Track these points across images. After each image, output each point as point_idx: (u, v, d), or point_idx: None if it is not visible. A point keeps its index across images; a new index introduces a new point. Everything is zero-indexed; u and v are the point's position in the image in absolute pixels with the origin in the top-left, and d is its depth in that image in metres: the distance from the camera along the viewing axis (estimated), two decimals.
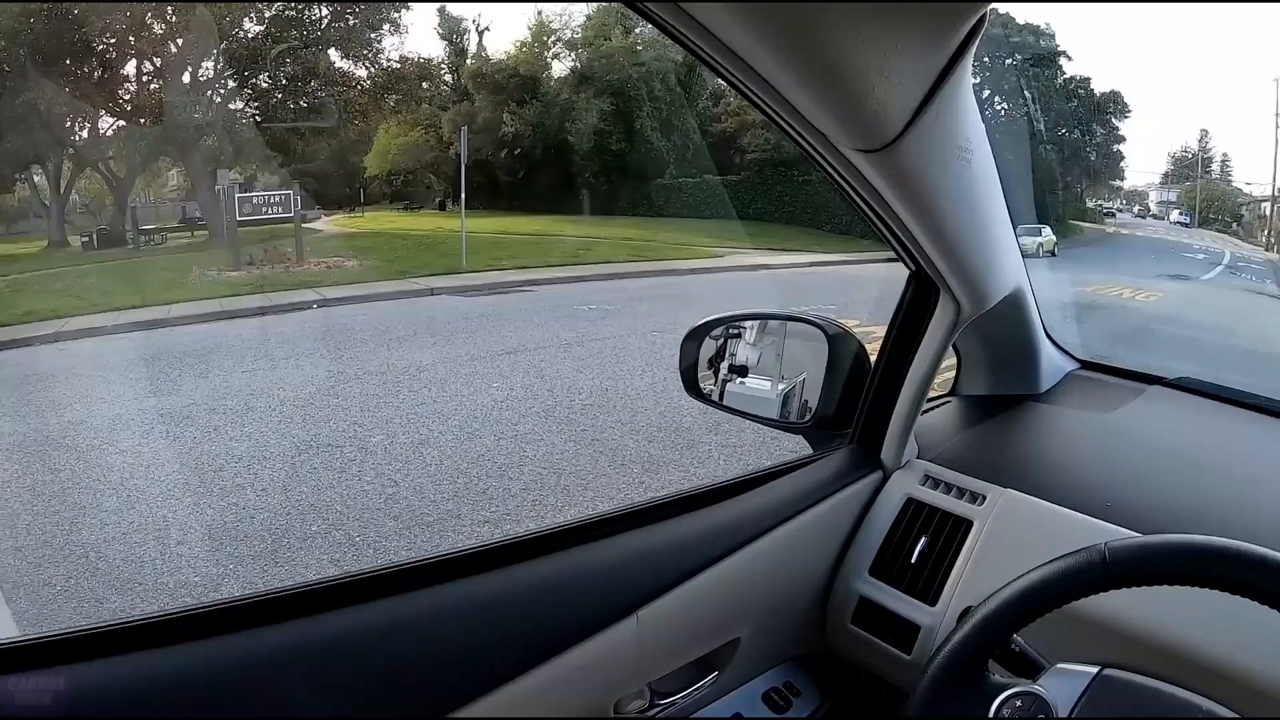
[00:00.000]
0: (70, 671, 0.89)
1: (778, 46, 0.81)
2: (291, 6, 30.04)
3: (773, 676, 1.59)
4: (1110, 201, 35.95)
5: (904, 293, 1.52)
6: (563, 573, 1.22)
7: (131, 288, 16.97)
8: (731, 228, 27.17)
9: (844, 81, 0.85)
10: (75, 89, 27.18)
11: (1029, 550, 1.27)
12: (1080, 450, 1.66)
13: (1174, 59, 38.27)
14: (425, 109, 36.86)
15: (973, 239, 1.26)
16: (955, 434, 1.75)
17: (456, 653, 1.09)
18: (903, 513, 1.56)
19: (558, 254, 21.00)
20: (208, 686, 0.93)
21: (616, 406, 7.42)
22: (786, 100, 0.95)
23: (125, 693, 0.90)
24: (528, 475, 5.78)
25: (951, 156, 1.06)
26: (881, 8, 0.74)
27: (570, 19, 37.31)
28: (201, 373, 9.01)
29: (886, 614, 1.48)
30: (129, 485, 5.73)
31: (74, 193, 34.89)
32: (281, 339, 11.32)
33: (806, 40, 0.77)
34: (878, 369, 1.59)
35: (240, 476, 5.91)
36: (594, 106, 33.61)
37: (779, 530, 1.45)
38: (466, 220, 20.05)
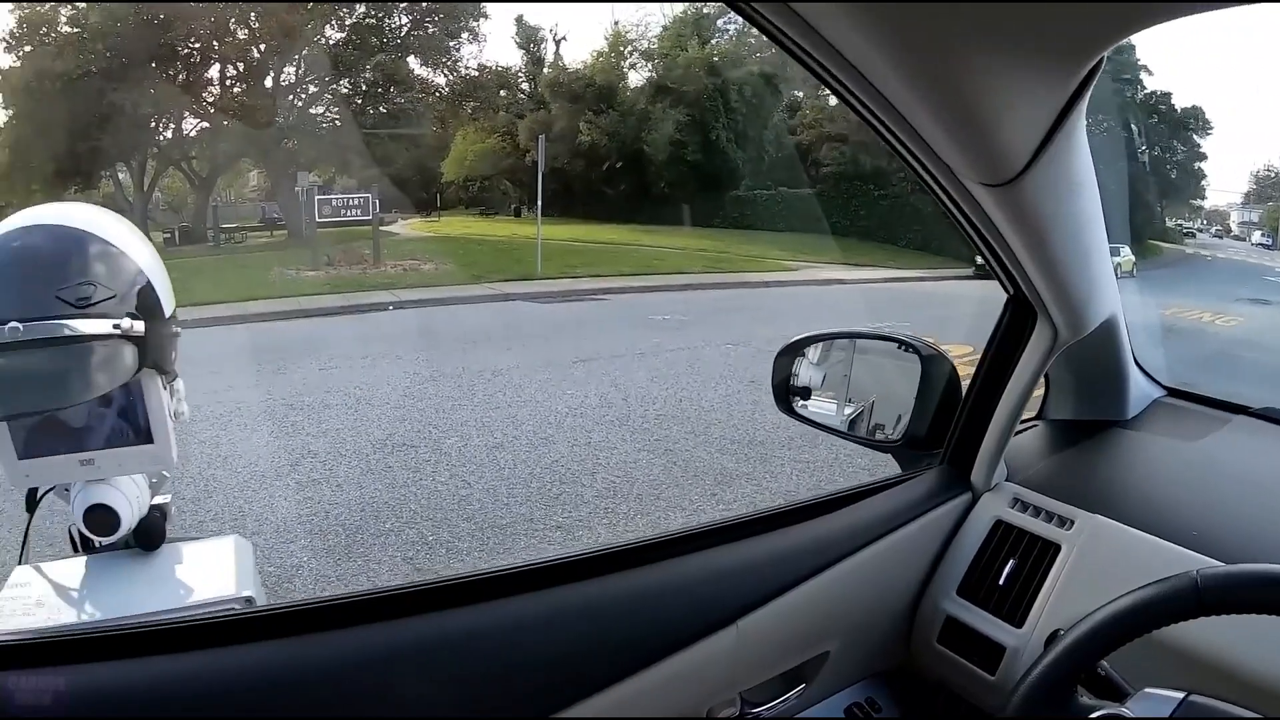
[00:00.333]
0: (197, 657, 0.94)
1: (916, 80, 0.83)
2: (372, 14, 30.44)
3: (856, 691, 1.60)
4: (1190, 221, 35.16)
5: (1001, 316, 1.52)
6: (667, 581, 1.24)
7: (212, 284, 17.25)
8: (805, 241, 26.97)
9: (976, 117, 0.87)
10: (160, 90, 27.81)
11: (1116, 576, 1.27)
12: (1167, 479, 1.65)
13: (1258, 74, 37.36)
14: (502, 116, 37.14)
15: (1076, 266, 1.27)
16: (1043, 458, 1.75)
17: (563, 655, 1.12)
18: (991, 534, 1.56)
19: (631, 263, 21.00)
20: (321, 680, 0.97)
21: (690, 417, 7.41)
22: (914, 130, 0.97)
23: (244, 682, 0.94)
24: (600, 483, 5.80)
25: (1066, 190, 1.07)
26: (1014, 47, 0.76)
27: (647, 29, 37.37)
28: (279, 369, 9.18)
29: (973, 634, 1.49)
30: (206, 475, 5.84)
31: (157, 190, 35.70)
32: (358, 339, 11.50)
33: (945, 75, 0.79)
34: (972, 390, 1.59)
35: (316, 472, 6.00)
36: (670, 117, 33.56)
37: (871, 548, 1.46)
38: (541, 227, 20.10)
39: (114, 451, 1.28)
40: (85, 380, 1.15)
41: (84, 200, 12.46)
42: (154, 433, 1.30)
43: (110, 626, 1.00)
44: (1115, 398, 1.79)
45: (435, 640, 1.05)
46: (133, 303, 1.22)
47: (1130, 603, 0.97)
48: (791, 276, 20.42)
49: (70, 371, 1.15)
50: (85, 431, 1.27)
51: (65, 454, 1.25)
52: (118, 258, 1.23)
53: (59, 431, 1.25)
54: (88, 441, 1.27)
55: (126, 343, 1.20)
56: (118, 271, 1.22)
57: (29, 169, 28.03)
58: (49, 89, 26.07)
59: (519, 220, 36.56)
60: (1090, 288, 1.35)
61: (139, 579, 1.31)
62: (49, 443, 1.25)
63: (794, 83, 35.25)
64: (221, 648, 0.95)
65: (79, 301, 1.15)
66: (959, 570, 1.55)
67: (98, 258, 1.20)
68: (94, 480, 1.27)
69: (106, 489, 1.26)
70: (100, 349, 1.17)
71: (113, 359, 1.18)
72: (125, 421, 1.29)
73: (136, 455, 1.30)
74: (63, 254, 1.18)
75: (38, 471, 1.26)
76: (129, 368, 1.20)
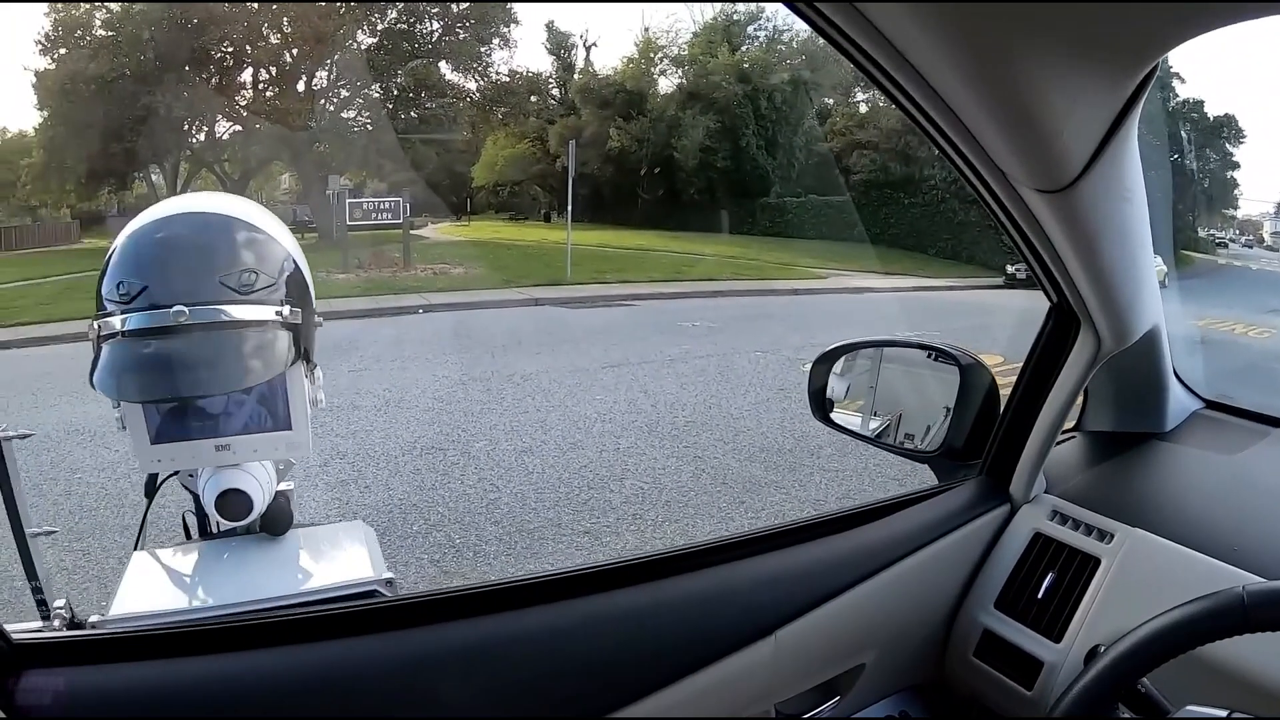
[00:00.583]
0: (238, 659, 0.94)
1: (977, 82, 0.82)
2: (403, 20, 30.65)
3: (889, 704, 1.59)
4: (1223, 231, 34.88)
5: (1044, 325, 1.50)
6: (708, 590, 1.23)
7: None
8: (835, 249, 26.94)
9: (1035, 121, 0.86)
10: (194, 93, 28.13)
11: (1157, 591, 1.25)
12: (1207, 492, 1.63)
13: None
14: (533, 122, 37.31)
15: (1124, 275, 1.25)
16: (1081, 470, 1.73)
17: (601, 663, 1.12)
18: (1030, 547, 1.55)
19: (661, 269, 21.05)
20: (367, 680, 0.97)
21: (718, 425, 7.39)
22: (971, 134, 0.95)
23: (287, 684, 0.95)
24: (629, 489, 5.79)
25: (1118, 198, 1.05)
26: (1073, 51, 0.75)
27: (677, 35, 37.45)
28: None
29: (1010, 648, 1.47)
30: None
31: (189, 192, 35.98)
32: (387, 341, 11.55)
33: (1006, 78, 0.78)
34: (1012, 400, 1.58)
35: (344, 473, 6.00)
36: (700, 123, 33.60)
37: (910, 559, 1.45)
38: (571, 232, 20.18)
39: (251, 437, 1.29)
40: (244, 367, 1.17)
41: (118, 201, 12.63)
42: (293, 419, 1.32)
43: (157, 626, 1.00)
44: (1155, 410, 1.77)
45: (475, 645, 1.05)
46: (284, 290, 1.24)
47: (1174, 619, 0.95)
48: (821, 284, 20.37)
49: (232, 357, 1.17)
50: (223, 417, 1.28)
51: (201, 439, 1.26)
52: (271, 245, 1.25)
53: (196, 416, 1.27)
54: (225, 427, 1.28)
55: (284, 330, 1.23)
56: (272, 259, 1.24)
57: (64, 170, 28.48)
58: (84, 91, 26.45)
59: (549, 225, 36.78)
60: (1136, 297, 1.34)
61: (272, 563, 1.32)
62: (184, 428, 1.26)
63: (824, 89, 35.25)
64: (264, 649, 0.96)
65: (242, 287, 1.18)
66: (997, 583, 1.54)
67: (255, 245, 1.23)
68: (225, 466, 1.27)
69: (240, 474, 1.27)
70: (262, 335, 1.20)
71: (273, 346, 1.21)
72: (264, 408, 1.31)
73: (273, 441, 1.31)
74: (224, 241, 1.20)
75: (170, 456, 1.27)
76: (288, 355, 1.22)
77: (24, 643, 0.87)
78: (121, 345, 1.14)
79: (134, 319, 1.13)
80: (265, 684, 0.94)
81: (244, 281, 1.18)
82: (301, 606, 1.16)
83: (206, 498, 1.25)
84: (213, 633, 0.95)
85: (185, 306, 1.12)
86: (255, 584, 1.24)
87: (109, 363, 1.15)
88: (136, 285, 1.14)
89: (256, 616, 1.06)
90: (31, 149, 31.14)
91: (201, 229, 1.20)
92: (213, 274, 1.16)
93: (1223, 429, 1.79)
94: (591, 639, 1.11)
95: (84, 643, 0.91)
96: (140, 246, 1.19)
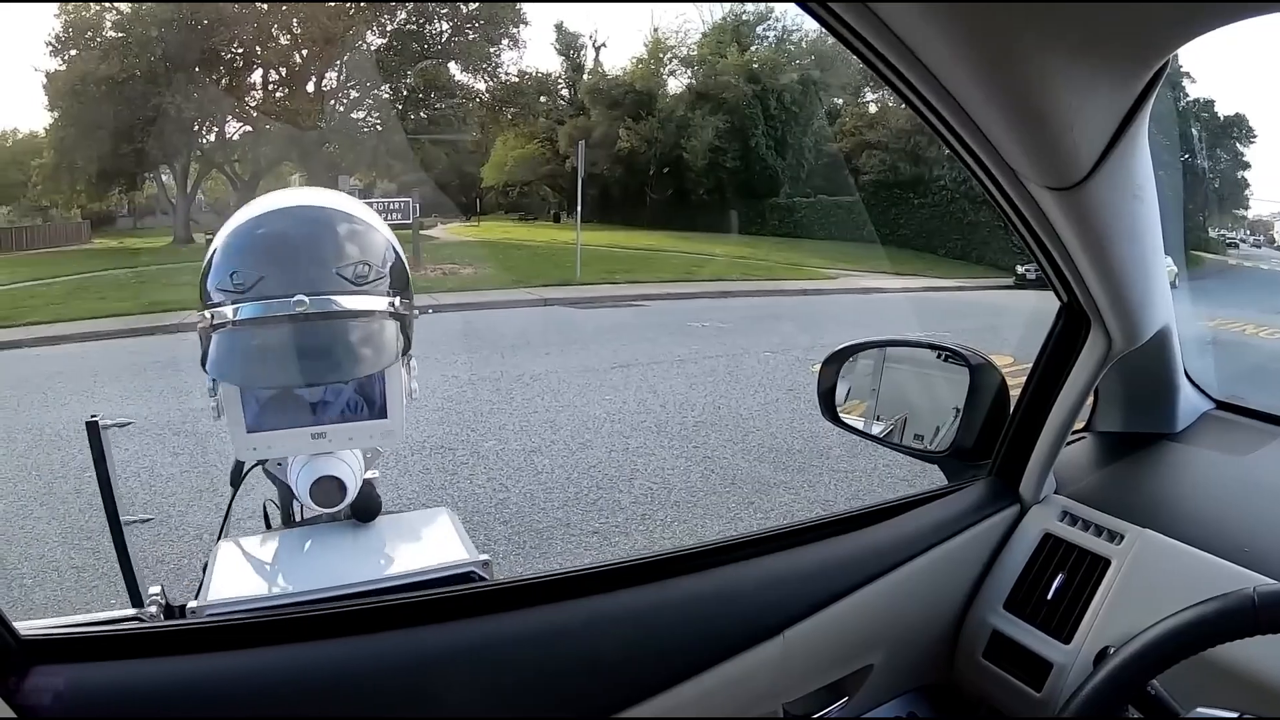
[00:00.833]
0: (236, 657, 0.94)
1: (988, 80, 0.82)
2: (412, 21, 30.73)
3: (897, 705, 1.58)
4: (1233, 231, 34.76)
5: (1054, 325, 1.50)
6: (715, 590, 1.23)
7: None
8: (845, 249, 26.92)
9: (1045, 118, 0.86)
10: (204, 94, 28.25)
11: (1167, 592, 1.25)
12: (1218, 493, 1.62)
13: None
14: (542, 122, 37.38)
15: (1134, 274, 1.25)
16: (1091, 470, 1.72)
17: (606, 663, 1.12)
18: (1040, 548, 1.54)
19: (670, 269, 21.06)
20: (371, 680, 0.97)
21: (728, 425, 7.39)
22: (981, 132, 0.95)
23: (291, 683, 0.95)
24: (638, 489, 5.78)
25: (1129, 195, 1.05)
26: (1083, 47, 0.75)
27: (686, 35, 37.51)
28: None
29: (1019, 649, 1.46)
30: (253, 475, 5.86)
31: (199, 192, 36.25)
32: None
33: (1018, 75, 0.78)
34: (1022, 400, 1.57)
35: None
36: (709, 123, 33.63)
37: (919, 559, 1.44)
38: (581, 233, 20.19)
39: (347, 425, 1.31)
40: (361, 355, 1.19)
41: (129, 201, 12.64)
42: (389, 408, 1.33)
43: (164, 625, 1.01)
44: (1165, 410, 1.76)
45: (479, 644, 1.04)
46: (390, 280, 1.26)
47: (1184, 620, 0.95)
48: (831, 285, 20.36)
49: (351, 346, 1.20)
50: (320, 405, 1.30)
51: (298, 427, 1.28)
52: (376, 237, 1.27)
53: (295, 405, 1.29)
54: (322, 415, 1.30)
55: (393, 320, 1.25)
56: (380, 251, 1.26)
57: (74, 170, 28.65)
58: (94, 92, 26.59)
59: (558, 226, 36.86)
60: (1146, 296, 1.33)
61: (365, 549, 1.33)
62: (281, 416, 1.28)
63: (834, 89, 35.23)
64: (267, 647, 0.96)
65: (356, 279, 1.21)
66: (1006, 584, 1.53)
67: (364, 238, 1.25)
68: (318, 453, 1.29)
69: (334, 461, 1.28)
70: (376, 325, 1.22)
71: (386, 336, 1.23)
72: (362, 396, 1.32)
73: (369, 430, 1.32)
74: (337, 234, 1.23)
75: (266, 444, 1.28)
76: (398, 346, 1.24)
77: (31, 639, 0.88)
78: (240, 333, 1.17)
79: (252, 308, 1.16)
80: (264, 684, 0.94)
81: (358, 273, 1.21)
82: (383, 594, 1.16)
83: (300, 485, 1.27)
84: (215, 630, 0.95)
85: (306, 296, 1.15)
86: (351, 569, 1.25)
87: (227, 349, 1.17)
88: (253, 276, 1.16)
89: (255, 616, 1.06)
90: (42, 149, 31.33)
91: (315, 222, 1.23)
92: (329, 265, 1.19)
93: (1234, 430, 1.78)
94: (597, 639, 1.11)
95: (91, 639, 0.91)
96: (253, 239, 1.21)
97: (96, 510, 4.76)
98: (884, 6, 0.77)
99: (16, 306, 15.24)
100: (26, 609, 4.08)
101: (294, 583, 1.20)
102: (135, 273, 20.11)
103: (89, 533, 4.93)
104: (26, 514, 5.33)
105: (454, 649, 1.03)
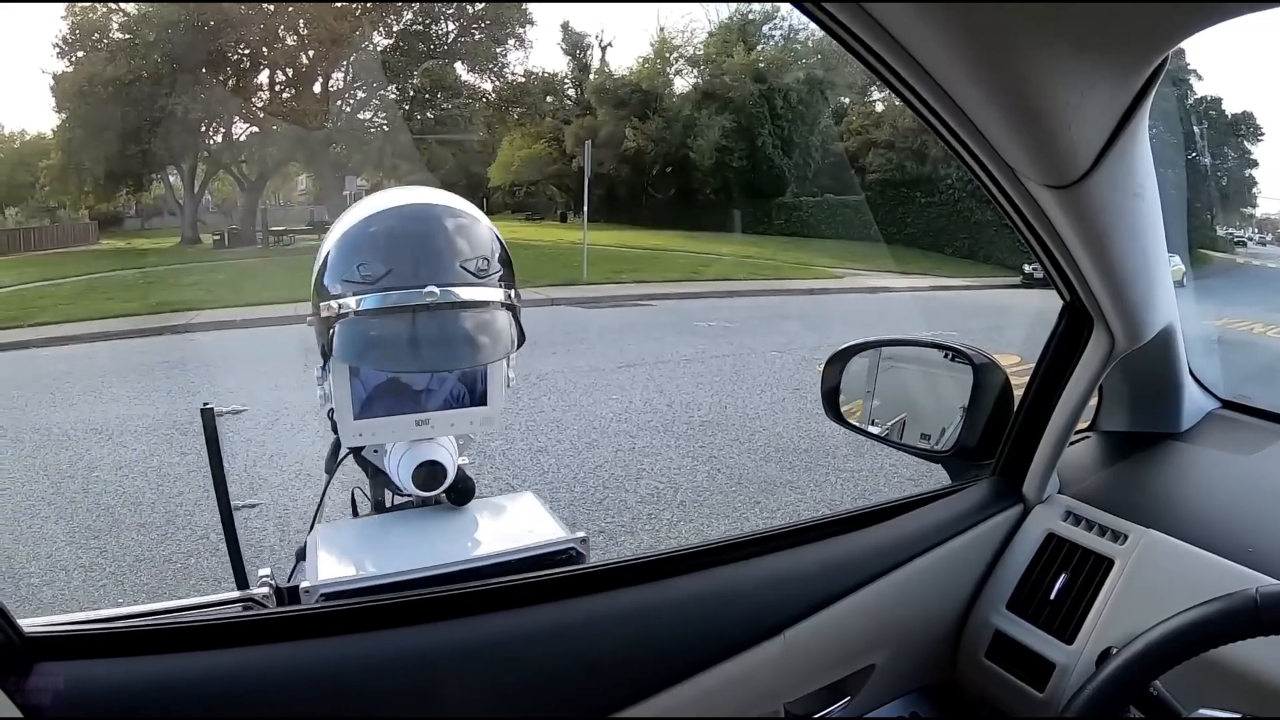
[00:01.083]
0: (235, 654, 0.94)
1: (984, 79, 0.82)
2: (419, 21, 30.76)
3: (899, 706, 1.58)
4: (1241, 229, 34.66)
5: (1056, 324, 1.49)
6: (715, 589, 1.23)
7: (259, 285, 17.46)
8: (851, 248, 26.89)
9: (1042, 116, 0.86)
10: (211, 95, 28.34)
11: (1170, 593, 1.24)
12: (1222, 493, 1.61)
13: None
14: (548, 122, 37.39)
15: (1136, 272, 1.24)
16: (1096, 470, 1.71)
17: (605, 662, 1.11)
18: (1043, 548, 1.53)
19: (677, 269, 21.04)
20: (368, 679, 0.97)
21: (734, 424, 7.38)
22: (979, 131, 0.95)
23: (290, 680, 0.95)
24: (644, 488, 5.77)
25: (1129, 193, 1.05)
26: (1079, 44, 0.75)
27: (692, 35, 37.51)
28: None
29: (1022, 649, 1.46)
30: (253, 473, 5.91)
31: (207, 193, 36.38)
32: None
33: (1013, 74, 0.78)
34: (1025, 400, 1.56)
35: (359, 472, 5.98)
36: (715, 123, 33.61)
37: (921, 559, 1.44)
38: (587, 232, 20.17)
39: (450, 413, 1.36)
40: (482, 344, 1.25)
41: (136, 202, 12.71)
42: (490, 396, 1.39)
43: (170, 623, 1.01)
44: (1170, 409, 1.75)
45: (479, 643, 1.04)
46: (502, 273, 1.30)
47: (1186, 621, 0.95)
48: (838, 284, 20.33)
49: (474, 335, 1.24)
50: (425, 393, 1.37)
51: (403, 414, 1.33)
52: (487, 232, 1.31)
53: (402, 393, 1.35)
54: (427, 403, 1.36)
55: (507, 310, 1.30)
56: (493, 246, 1.31)
57: (82, 171, 28.76)
58: (101, 94, 26.68)
59: (565, 225, 36.84)
60: (1149, 295, 1.33)
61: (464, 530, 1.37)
62: (389, 403, 1.34)
63: (840, 88, 35.20)
64: (269, 644, 0.96)
65: (479, 272, 1.26)
66: (1009, 584, 1.53)
67: (479, 233, 1.30)
68: (418, 440, 1.32)
69: (435, 447, 1.33)
70: (495, 316, 1.27)
71: (505, 327, 1.28)
72: (465, 385, 1.38)
73: (469, 417, 1.38)
74: (459, 229, 1.27)
75: (372, 430, 1.33)
76: (515, 336, 1.30)
77: (35, 636, 0.88)
78: (369, 322, 1.21)
79: (378, 298, 1.20)
80: (267, 681, 0.94)
81: (479, 267, 1.26)
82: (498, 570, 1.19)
83: (401, 470, 1.30)
84: (211, 629, 0.95)
85: (435, 288, 1.20)
86: (455, 549, 1.29)
87: (360, 336, 1.21)
88: (380, 269, 1.21)
89: (252, 615, 1.06)
90: (50, 151, 31.48)
91: (435, 219, 1.27)
92: (454, 259, 1.24)
93: (1239, 429, 1.77)
94: (597, 638, 1.11)
95: (96, 636, 0.92)
96: (376, 235, 1.26)
97: (103, 510, 4.75)
98: (877, 6, 0.77)
99: (25, 307, 15.32)
100: (34, 608, 4.08)
101: (403, 562, 1.22)
102: (143, 273, 20.17)
103: (96, 532, 4.96)
104: (34, 513, 5.34)
105: (453, 648, 1.03)
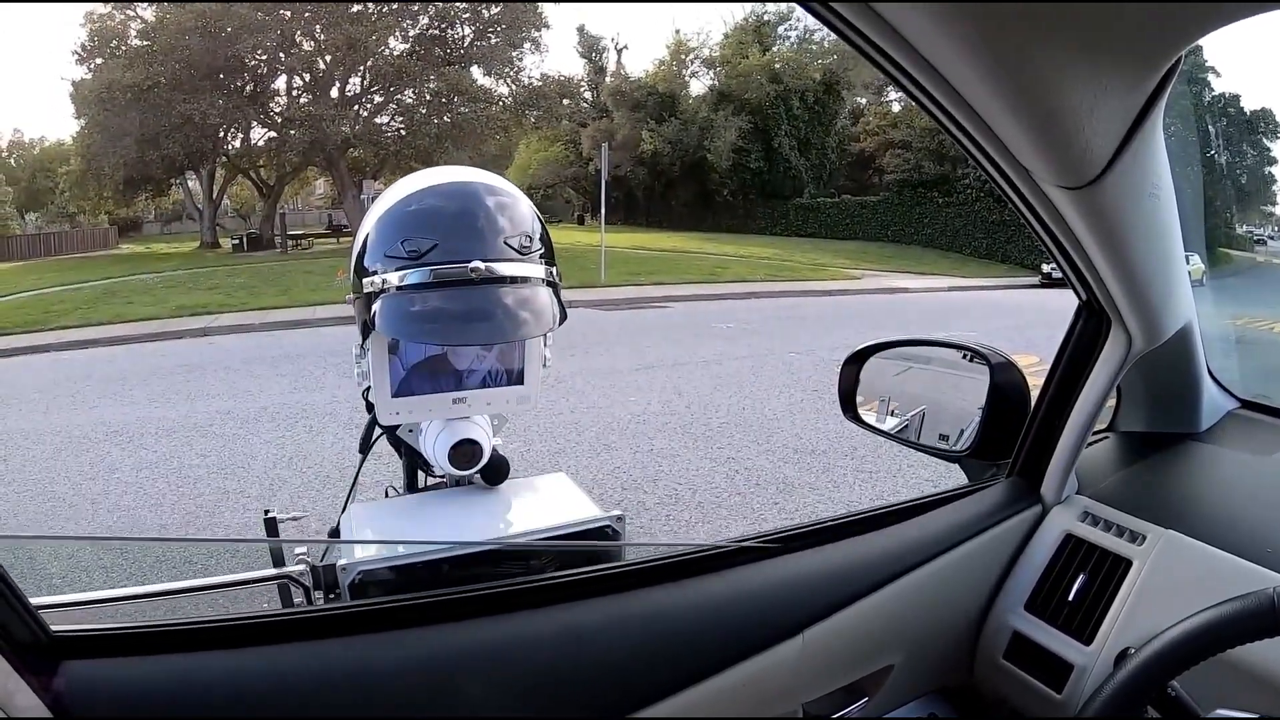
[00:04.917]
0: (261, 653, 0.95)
1: (997, 80, 0.81)
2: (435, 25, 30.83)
3: (917, 707, 1.58)
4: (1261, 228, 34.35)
5: (1073, 324, 1.48)
6: (733, 589, 1.23)
7: (278, 289, 17.55)
8: (870, 249, 26.84)
9: (1057, 117, 0.85)
10: (229, 101, 28.48)
11: (1189, 593, 1.23)
12: (1242, 493, 1.60)
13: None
14: (565, 125, 37.45)
15: (1153, 272, 1.24)
16: (1114, 471, 1.70)
17: (625, 662, 1.12)
18: (1061, 549, 1.52)
19: (694, 271, 21.03)
20: (388, 678, 0.98)
21: (753, 426, 7.36)
22: (993, 132, 0.95)
23: (316, 678, 0.95)
24: (662, 490, 5.76)
25: (1144, 193, 1.04)
26: (1093, 45, 0.74)
27: (708, 37, 37.60)
28: (345, 372, 9.24)
29: (1040, 650, 1.45)
30: (271, 475, 5.97)
31: (225, 198, 36.60)
32: None
33: (1027, 74, 0.78)
34: (1043, 400, 1.56)
35: (379, 474, 6.01)
36: (732, 124, 33.62)
37: (939, 560, 1.44)
38: (605, 235, 20.17)
39: (486, 391, 1.38)
40: (526, 319, 1.25)
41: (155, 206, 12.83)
42: (526, 375, 1.41)
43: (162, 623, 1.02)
44: (1188, 409, 1.74)
45: (498, 643, 1.05)
46: (543, 250, 1.31)
47: (1204, 621, 0.94)
48: (856, 285, 20.30)
49: (518, 310, 1.24)
50: (464, 372, 1.38)
51: (441, 392, 1.35)
52: (528, 210, 1.33)
53: (439, 371, 1.37)
54: (465, 381, 1.38)
55: (548, 287, 1.30)
56: (534, 224, 1.32)
57: (101, 177, 29.00)
58: (120, 100, 26.85)
59: (582, 228, 36.89)
60: (1167, 294, 1.32)
61: (501, 508, 1.39)
62: (426, 381, 1.36)
63: (857, 89, 35.14)
64: (294, 643, 0.96)
65: (521, 248, 1.26)
66: (1027, 585, 1.52)
67: (521, 211, 1.31)
68: (454, 419, 1.35)
69: (470, 425, 1.35)
70: (537, 292, 1.27)
71: (547, 303, 1.28)
72: (502, 364, 1.40)
73: (506, 395, 1.40)
74: (502, 207, 1.28)
75: (409, 409, 1.36)
76: (556, 313, 1.29)
77: (63, 635, 0.89)
78: (413, 296, 1.21)
79: (423, 273, 1.21)
80: (292, 679, 0.94)
81: (522, 244, 1.26)
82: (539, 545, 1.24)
83: (438, 448, 1.32)
84: (237, 628, 0.96)
85: (481, 263, 1.21)
86: (491, 527, 1.32)
87: (403, 310, 1.21)
88: (426, 244, 1.22)
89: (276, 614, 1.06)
90: (70, 157, 31.78)
91: (479, 196, 1.28)
92: (499, 235, 1.25)
93: (1258, 429, 1.76)
94: (615, 638, 1.11)
95: (122, 635, 0.92)
96: (419, 212, 1.27)
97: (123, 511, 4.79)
98: (888, 7, 0.77)
99: (46, 311, 15.44)
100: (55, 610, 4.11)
101: (443, 538, 1.24)
102: (162, 277, 20.30)
103: (116, 533, 4.98)
104: (55, 514, 5.37)
105: (473, 647, 1.03)
